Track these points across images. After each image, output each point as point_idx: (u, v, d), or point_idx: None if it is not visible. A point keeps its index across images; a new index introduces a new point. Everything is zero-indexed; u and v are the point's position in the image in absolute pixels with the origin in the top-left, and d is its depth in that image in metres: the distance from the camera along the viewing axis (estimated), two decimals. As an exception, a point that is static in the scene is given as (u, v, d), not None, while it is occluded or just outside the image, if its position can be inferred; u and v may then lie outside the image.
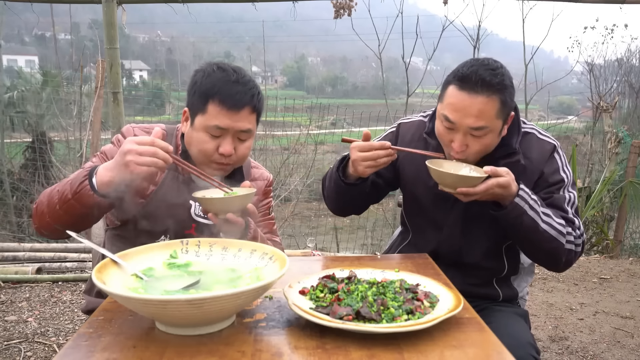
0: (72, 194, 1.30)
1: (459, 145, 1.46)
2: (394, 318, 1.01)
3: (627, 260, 4.73)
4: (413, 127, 1.73)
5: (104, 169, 1.29)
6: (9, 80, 7.10)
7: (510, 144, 1.55)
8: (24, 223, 5.69)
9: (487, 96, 1.40)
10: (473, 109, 1.41)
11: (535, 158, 1.57)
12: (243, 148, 1.46)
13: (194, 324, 0.99)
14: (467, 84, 1.42)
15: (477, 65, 1.43)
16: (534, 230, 1.45)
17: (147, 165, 1.22)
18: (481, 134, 1.44)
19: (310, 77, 76.02)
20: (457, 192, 1.39)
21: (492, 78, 1.41)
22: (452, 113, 1.44)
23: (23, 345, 2.75)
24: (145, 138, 1.25)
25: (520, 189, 1.43)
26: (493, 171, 1.38)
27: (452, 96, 1.45)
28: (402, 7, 5.59)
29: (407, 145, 1.68)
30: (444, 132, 1.50)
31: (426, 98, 6.82)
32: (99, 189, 1.29)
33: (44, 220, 1.37)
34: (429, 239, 1.70)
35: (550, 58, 66.63)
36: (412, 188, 1.71)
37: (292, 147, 6.82)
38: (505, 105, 1.45)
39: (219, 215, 1.34)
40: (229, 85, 1.39)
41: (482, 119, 1.41)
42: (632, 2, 3.61)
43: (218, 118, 1.39)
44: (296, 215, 6.78)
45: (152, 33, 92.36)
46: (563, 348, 2.90)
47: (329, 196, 1.73)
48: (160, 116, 8.94)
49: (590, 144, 7.17)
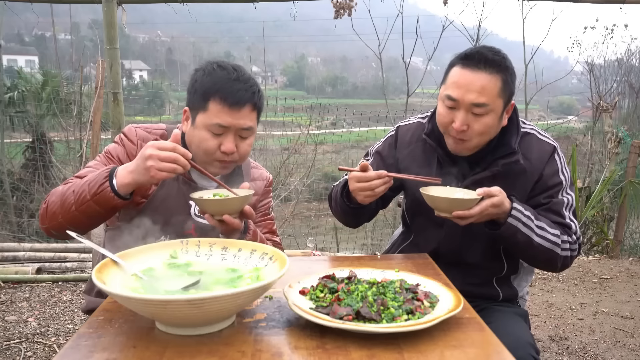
0: (91, 195, 1.30)
1: (460, 123, 1.48)
2: (394, 318, 1.01)
3: (627, 260, 4.73)
4: (412, 129, 1.75)
5: (125, 171, 1.30)
6: (9, 80, 7.08)
7: (509, 144, 1.55)
8: (24, 223, 5.69)
9: (490, 73, 1.45)
10: (476, 84, 1.44)
11: (535, 159, 1.57)
12: (245, 146, 1.46)
13: (194, 324, 0.99)
14: (470, 61, 1.47)
15: (479, 47, 1.50)
16: (528, 245, 1.48)
17: (167, 171, 1.24)
18: (483, 111, 1.46)
19: (310, 77, 76.05)
20: (453, 215, 1.42)
21: (494, 56, 1.46)
22: (455, 90, 1.47)
23: (23, 345, 2.75)
24: (167, 143, 1.26)
25: (513, 207, 1.45)
26: (486, 192, 1.41)
27: (455, 75, 1.49)
28: (402, 7, 5.59)
29: (407, 147, 1.70)
30: (445, 113, 1.52)
31: (426, 98, 6.82)
32: (119, 191, 1.29)
33: (56, 221, 1.36)
34: (430, 238, 1.70)
35: (550, 58, 66.66)
36: (414, 189, 1.71)
37: (292, 147, 6.82)
38: (507, 86, 1.48)
39: (215, 217, 1.35)
40: (230, 83, 1.39)
41: (484, 95, 1.44)
42: (632, 2, 3.61)
43: (219, 116, 1.39)
44: (296, 215, 6.77)
45: (152, 33, 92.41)
46: (563, 348, 2.90)
47: (337, 215, 1.77)
48: (160, 116, 8.94)
49: (590, 144, 7.16)
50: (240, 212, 1.39)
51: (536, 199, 1.58)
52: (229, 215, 1.34)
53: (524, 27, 6.37)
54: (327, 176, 7.83)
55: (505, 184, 1.53)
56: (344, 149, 8.80)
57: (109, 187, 1.28)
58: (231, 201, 1.34)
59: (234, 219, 1.36)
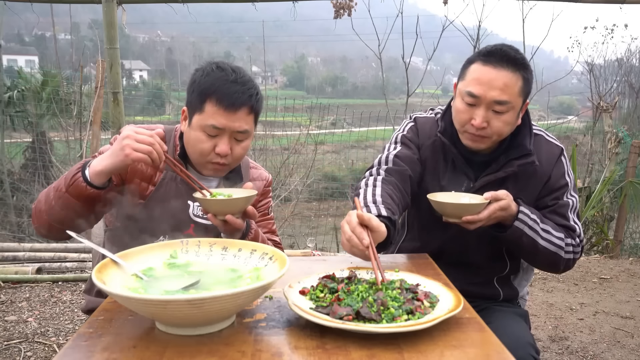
0: (65, 187, 1.30)
1: (481, 120, 1.46)
2: (394, 318, 1.01)
3: (627, 260, 4.73)
4: (429, 123, 1.71)
5: (98, 159, 1.31)
6: (9, 80, 7.09)
7: (524, 145, 1.55)
8: (24, 223, 5.69)
9: (512, 72, 1.44)
10: (498, 82, 1.43)
11: (544, 161, 1.58)
12: (239, 149, 1.45)
13: (194, 324, 0.99)
14: (492, 57, 1.45)
15: (500, 45, 1.49)
16: (533, 248, 1.49)
17: (142, 152, 1.25)
18: (503, 109, 1.46)
19: (310, 77, 76.06)
20: (463, 220, 1.41)
21: (516, 54, 1.46)
22: (477, 87, 1.45)
23: (23, 345, 2.75)
24: (144, 130, 1.29)
25: (520, 211, 1.45)
26: (493, 196, 1.41)
27: (477, 71, 1.47)
28: (402, 7, 5.58)
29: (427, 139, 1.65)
30: (464, 109, 1.50)
31: (426, 98, 6.81)
32: (91, 180, 1.29)
33: (42, 219, 1.37)
34: (435, 238, 1.70)
35: (550, 58, 66.67)
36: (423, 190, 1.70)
37: (292, 147, 6.82)
38: (527, 84, 1.48)
39: (218, 217, 1.34)
40: (227, 85, 1.39)
41: (506, 92, 1.44)
42: (632, 2, 3.61)
43: (214, 117, 1.38)
44: (296, 215, 6.77)
45: (152, 33, 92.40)
46: (563, 348, 2.90)
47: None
48: (160, 116, 8.95)
49: (590, 144, 7.16)
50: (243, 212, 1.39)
51: (543, 200, 1.59)
52: (232, 216, 1.34)
53: (524, 27, 6.36)
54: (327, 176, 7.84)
55: (517, 185, 1.54)
56: (344, 149, 8.80)
57: (81, 177, 1.29)
58: (235, 201, 1.34)
59: (237, 219, 1.36)
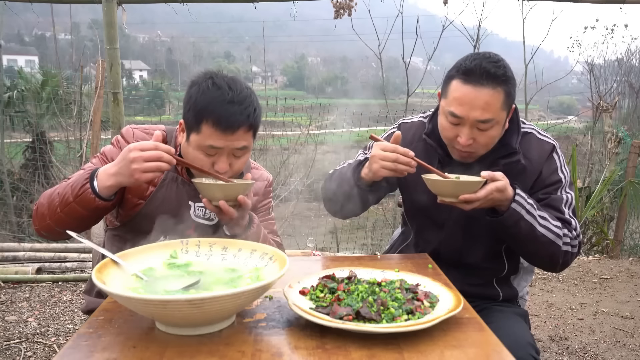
0: (73, 197, 1.30)
1: (466, 139, 1.46)
2: (394, 318, 1.01)
3: (627, 260, 4.73)
4: (413, 127, 1.73)
5: (106, 174, 1.29)
6: (9, 80, 7.09)
7: (510, 144, 1.55)
8: (24, 223, 5.69)
9: (493, 88, 1.41)
10: (480, 101, 1.41)
11: (535, 158, 1.57)
12: (239, 163, 1.43)
13: (194, 324, 0.99)
14: (471, 77, 1.41)
15: (479, 59, 1.43)
16: (531, 234, 1.45)
17: (152, 171, 1.24)
18: (487, 126, 1.45)
19: (310, 77, 76.01)
20: (459, 200, 1.39)
21: (496, 70, 1.41)
22: (458, 107, 1.43)
23: (23, 345, 2.75)
24: (148, 143, 1.25)
25: (517, 193, 1.43)
26: (490, 175, 1.38)
27: (457, 90, 1.44)
28: (402, 7, 5.58)
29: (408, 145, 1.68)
30: (448, 128, 1.49)
31: (426, 98, 6.81)
32: (100, 193, 1.29)
33: (45, 223, 1.38)
34: (430, 239, 1.70)
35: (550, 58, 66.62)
36: (412, 190, 1.70)
37: (292, 147, 6.82)
38: (509, 97, 1.45)
39: (213, 202, 1.34)
40: (224, 106, 1.34)
41: (489, 111, 1.42)
42: (632, 2, 3.61)
43: (212, 138, 1.35)
44: (296, 215, 6.77)
45: (152, 33, 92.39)
46: (563, 348, 2.90)
47: (332, 199, 1.68)
48: (160, 116, 8.95)
49: (590, 144, 7.16)
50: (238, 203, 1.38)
51: (535, 195, 1.57)
52: (225, 202, 1.33)
53: (524, 27, 6.38)
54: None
55: None
56: (344, 149, 8.79)
57: (90, 189, 1.29)
58: (230, 187, 1.34)
59: (229, 207, 1.34)
